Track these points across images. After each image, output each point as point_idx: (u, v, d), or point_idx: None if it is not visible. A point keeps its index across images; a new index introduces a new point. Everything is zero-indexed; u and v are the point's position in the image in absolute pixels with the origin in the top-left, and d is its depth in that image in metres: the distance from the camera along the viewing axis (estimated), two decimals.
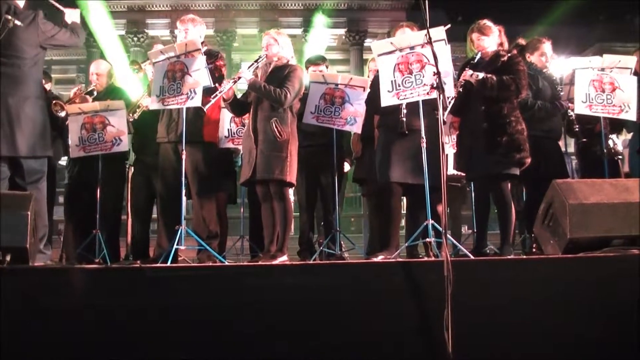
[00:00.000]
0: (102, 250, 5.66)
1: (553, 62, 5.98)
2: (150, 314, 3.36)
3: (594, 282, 3.68)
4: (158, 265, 4.57)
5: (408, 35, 5.01)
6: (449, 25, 4.62)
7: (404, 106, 4.76)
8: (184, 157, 5.00)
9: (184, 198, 5.09)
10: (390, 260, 4.41)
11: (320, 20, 26.55)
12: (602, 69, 5.59)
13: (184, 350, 3.31)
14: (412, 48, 4.75)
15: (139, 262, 5.18)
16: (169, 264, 4.58)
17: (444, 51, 4.56)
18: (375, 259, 4.53)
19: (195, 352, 3.31)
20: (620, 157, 6.42)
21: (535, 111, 5.44)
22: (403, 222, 5.48)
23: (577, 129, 5.81)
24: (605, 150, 5.61)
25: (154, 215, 5.97)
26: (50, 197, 5.39)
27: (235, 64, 26.63)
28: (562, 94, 5.84)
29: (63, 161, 6.68)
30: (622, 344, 3.56)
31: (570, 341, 3.52)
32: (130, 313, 3.35)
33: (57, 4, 4.93)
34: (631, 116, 5.49)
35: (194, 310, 3.37)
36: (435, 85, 4.11)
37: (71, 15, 4.97)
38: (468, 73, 4.91)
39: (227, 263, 5.24)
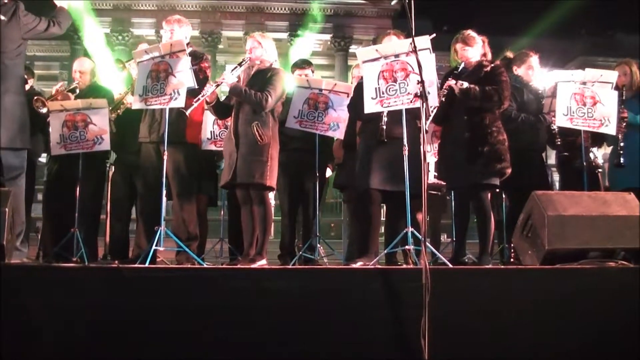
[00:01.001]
0: (80, 249, 5.60)
1: (536, 75, 6.03)
2: (127, 314, 3.34)
3: (570, 293, 3.72)
4: (136, 265, 4.54)
5: (393, 43, 5.01)
6: (434, 35, 4.63)
7: (385, 114, 4.76)
8: (165, 157, 4.98)
9: (164, 199, 5.06)
10: (369, 267, 4.41)
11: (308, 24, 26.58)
12: (584, 83, 5.62)
13: (160, 351, 3.29)
14: (396, 56, 4.76)
15: (117, 262, 5.16)
16: (147, 264, 4.55)
17: (429, 60, 4.58)
18: (354, 265, 4.53)
19: (172, 353, 3.30)
20: (600, 170, 6.47)
21: (519, 124, 5.48)
22: (383, 229, 5.48)
23: (558, 142, 5.86)
24: (585, 163, 5.65)
25: (134, 216, 5.93)
26: (29, 194, 5.35)
27: (220, 66, 26.62)
28: (543, 104, 5.88)
29: (43, 158, 6.63)
30: (598, 353, 3.60)
31: (546, 350, 3.55)
32: (107, 313, 3.33)
33: None
34: (611, 130, 5.54)
35: (172, 311, 3.36)
36: (419, 94, 4.14)
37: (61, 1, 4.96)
38: (451, 82, 4.93)
39: (205, 265, 5.23)
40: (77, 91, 6.18)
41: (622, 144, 5.64)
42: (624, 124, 5.66)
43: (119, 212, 6.01)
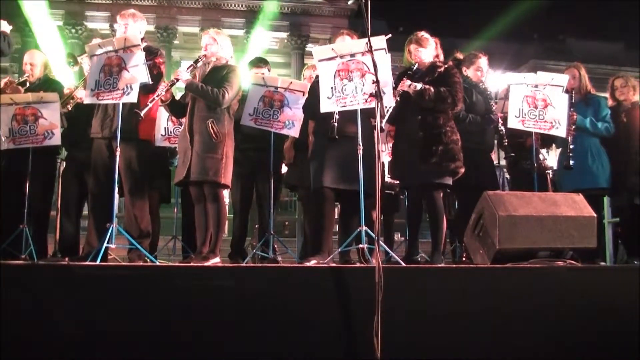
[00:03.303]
0: (29, 246, 5.50)
1: (489, 77, 6.11)
2: (77, 314, 3.28)
3: (520, 292, 3.78)
4: (87, 263, 4.45)
5: (349, 43, 5.04)
6: (389, 35, 4.66)
7: (336, 112, 4.78)
8: (117, 153, 4.91)
9: (116, 196, 4.99)
10: (323, 265, 4.42)
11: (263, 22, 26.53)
12: (536, 86, 5.72)
13: (110, 352, 3.24)
14: (352, 55, 4.77)
15: (67, 259, 5.07)
16: (98, 262, 4.48)
17: (384, 60, 4.60)
18: (307, 264, 4.53)
19: (123, 353, 3.25)
20: (549, 171, 6.59)
21: (467, 124, 5.55)
22: (337, 228, 5.50)
23: (506, 143, 5.97)
24: (535, 165, 5.75)
25: (85, 212, 5.83)
26: None
27: (175, 62, 26.38)
28: (495, 107, 5.97)
29: None
30: (545, 351, 3.67)
31: (498, 349, 3.61)
32: (56, 312, 3.26)
33: None
34: (561, 132, 5.65)
35: (123, 310, 3.31)
36: (374, 94, 4.16)
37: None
38: (406, 83, 4.98)
39: (158, 263, 5.17)
40: (28, 84, 6.05)
41: (571, 147, 5.76)
42: (573, 127, 5.78)
43: (70, 208, 5.89)
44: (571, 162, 5.69)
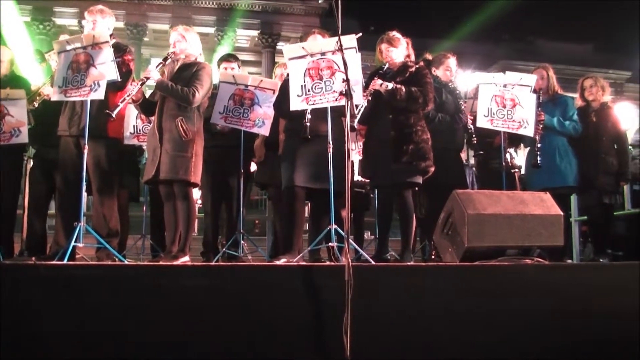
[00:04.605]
0: None
1: (458, 77, 6.16)
2: (44, 313, 3.24)
3: (489, 289, 3.81)
4: (54, 262, 4.40)
5: (320, 41, 5.04)
6: (360, 34, 4.67)
7: (308, 111, 4.79)
8: (85, 152, 4.85)
9: (84, 194, 4.93)
10: (292, 263, 4.42)
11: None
12: (505, 86, 5.78)
13: (77, 352, 3.21)
14: (323, 54, 4.78)
15: (34, 258, 5.00)
16: (65, 261, 4.43)
17: (355, 59, 4.61)
18: (277, 262, 4.53)
19: (90, 353, 3.21)
20: (516, 170, 6.67)
21: (436, 124, 5.59)
22: (307, 226, 5.51)
23: (474, 142, 6.02)
24: (503, 164, 5.81)
25: (52, 211, 5.76)
26: None
27: (145, 59, 26.18)
28: (464, 107, 6.02)
29: None
30: (512, 349, 3.70)
31: (466, 346, 3.63)
32: (23, 312, 3.22)
33: None
34: (529, 132, 5.71)
35: (91, 310, 3.27)
36: (344, 93, 4.16)
37: None
38: (378, 82, 4.99)
39: (126, 262, 5.13)
40: None
41: (539, 145, 5.83)
42: (541, 126, 5.85)
43: (37, 207, 5.81)
44: (539, 161, 5.75)
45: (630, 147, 8.29)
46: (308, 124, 4.75)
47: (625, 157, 6.35)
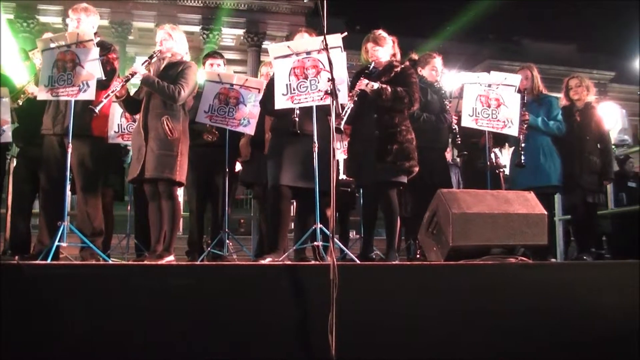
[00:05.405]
0: None
1: (444, 76, 6.18)
2: (27, 314, 3.21)
3: (473, 288, 3.82)
4: (38, 262, 4.37)
5: (305, 40, 5.04)
6: (345, 33, 4.67)
7: (296, 108, 4.78)
8: (69, 150, 4.83)
9: (68, 193, 4.90)
10: (278, 263, 4.41)
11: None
12: (489, 85, 5.80)
13: (61, 352, 3.19)
14: (308, 53, 4.78)
15: (17, 258, 4.96)
16: (49, 261, 4.40)
17: (340, 58, 4.61)
18: (262, 262, 4.52)
19: (74, 353, 3.19)
20: (501, 170, 6.69)
21: (421, 123, 5.61)
22: (292, 226, 5.50)
23: (459, 142, 6.05)
24: (488, 163, 5.83)
25: (36, 210, 5.73)
26: None
27: (130, 58, 26.05)
28: (449, 107, 6.04)
29: None
30: (498, 347, 3.72)
31: (451, 345, 3.64)
32: (5, 312, 3.19)
33: None
34: (513, 131, 5.74)
35: (75, 310, 3.25)
36: (329, 92, 4.17)
37: None
38: (364, 82, 4.99)
39: (111, 262, 5.10)
40: None
41: (523, 145, 5.86)
42: (525, 126, 5.88)
43: (21, 206, 5.78)
44: (522, 160, 5.78)
45: (613, 146, 8.37)
46: (297, 119, 4.74)
47: (608, 156, 6.39)
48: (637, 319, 3.96)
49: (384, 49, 5.25)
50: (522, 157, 5.80)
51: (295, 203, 5.40)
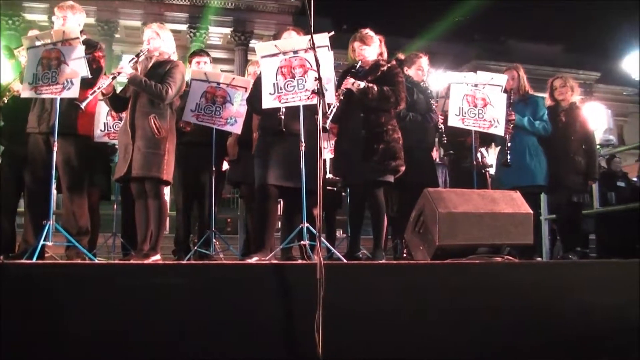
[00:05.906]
0: None
1: (430, 76, 6.20)
2: (12, 314, 3.19)
3: (460, 287, 3.83)
4: (23, 261, 4.34)
5: (292, 39, 5.03)
6: (332, 33, 4.67)
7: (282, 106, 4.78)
8: (55, 149, 4.80)
9: (53, 192, 4.87)
10: (264, 262, 4.41)
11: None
12: (476, 85, 5.82)
13: (46, 353, 3.17)
14: (295, 52, 4.78)
15: (2, 257, 4.93)
16: (34, 260, 4.37)
17: (327, 57, 4.61)
18: (249, 261, 4.52)
19: (60, 353, 3.18)
20: (487, 169, 6.72)
21: (407, 123, 5.62)
22: (279, 225, 5.50)
23: (445, 141, 6.07)
24: (474, 163, 5.85)
25: (21, 209, 5.69)
26: None
27: (116, 56, 25.95)
28: (435, 106, 6.06)
29: None
30: (482, 347, 3.74)
31: (438, 344, 3.65)
32: None
33: None
34: (499, 131, 5.77)
35: (60, 310, 3.23)
36: (316, 91, 4.17)
37: None
38: (350, 81, 5.00)
39: (97, 261, 5.08)
40: None
41: (509, 145, 5.90)
42: (512, 126, 5.91)
43: (6, 205, 5.73)
44: (509, 160, 5.81)
45: (598, 146, 8.43)
46: (283, 117, 4.74)
47: (593, 157, 6.43)
48: (623, 317, 3.99)
49: (371, 48, 5.26)
50: (509, 157, 5.84)
51: (282, 202, 5.40)
